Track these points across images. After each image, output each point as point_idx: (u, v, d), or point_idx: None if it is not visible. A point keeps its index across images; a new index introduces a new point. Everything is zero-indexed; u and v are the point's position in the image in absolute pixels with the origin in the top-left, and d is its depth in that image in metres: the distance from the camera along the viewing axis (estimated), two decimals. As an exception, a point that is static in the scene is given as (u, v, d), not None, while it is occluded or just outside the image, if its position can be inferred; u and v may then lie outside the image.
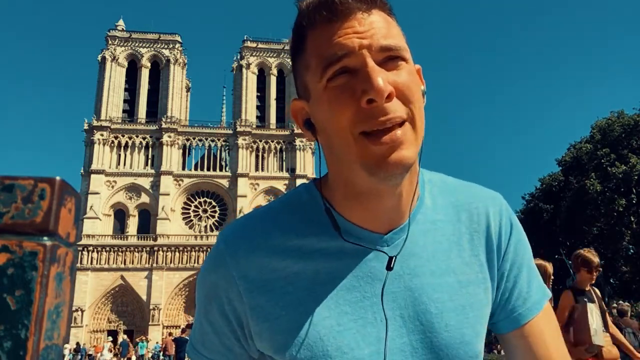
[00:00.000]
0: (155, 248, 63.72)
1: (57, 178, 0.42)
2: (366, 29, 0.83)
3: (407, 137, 0.82)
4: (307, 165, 72.22)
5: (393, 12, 0.91)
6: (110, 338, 42.96)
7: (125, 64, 72.39)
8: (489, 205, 1.04)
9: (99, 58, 71.48)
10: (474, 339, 0.95)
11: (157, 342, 42.50)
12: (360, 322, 0.90)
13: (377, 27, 0.84)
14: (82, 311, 58.38)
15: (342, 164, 0.88)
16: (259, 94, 75.04)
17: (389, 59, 0.83)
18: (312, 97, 0.89)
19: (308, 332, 0.89)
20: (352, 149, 0.83)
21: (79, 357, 42.17)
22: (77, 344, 44.99)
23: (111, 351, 36.66)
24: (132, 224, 66.84)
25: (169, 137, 69.70)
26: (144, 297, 61.61)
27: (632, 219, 44.10)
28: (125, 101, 72.01)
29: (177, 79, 73.20)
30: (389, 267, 0.91)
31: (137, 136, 69.72)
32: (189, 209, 69.19)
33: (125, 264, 62.57)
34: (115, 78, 70.50)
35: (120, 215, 67.39)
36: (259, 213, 1.01)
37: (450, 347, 0.92)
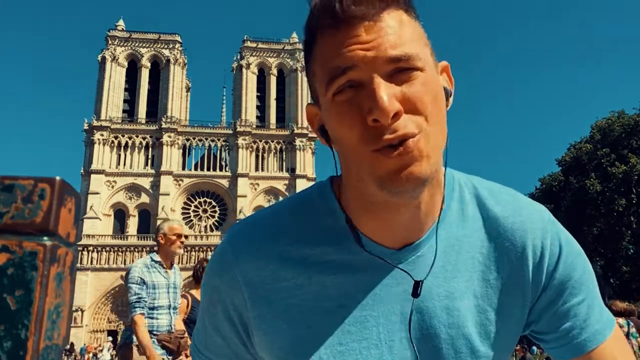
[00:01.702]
0: (155, 248, 63.58)
1: (57, 178, 0.42)
2: (372, 38, 0.75)
3: (419, 151, 0.75)
4: (307, 165, 72.22)
5: (412, 7, 0.82)
6: (110, 338, 42.85)
7: (125, 64, 72.41)
8: (529, 222, 0.92)
9: (99, 58, 71.49)
10: None
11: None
12: (364, 343, 0.85)
13: (385, 35, 0.75)
14: (82, 311, 58.34)
15: (354, 175, 0.83)
16: (259, 94, 75.03)
17: (399, 70, 0.76)
18: (322, 107, 0.84)
19: (308, 349, 0.85)
20: (363, 163, 0.78)
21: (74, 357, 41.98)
22: (72, 344, 44.75)
23: (110, 350, 36.51)
24: (132, 224, 66.86)
25: (169, 137, 69.72)
26: (144, 297, 61.56)
27: (632, 219, 44.12)
28: (125, 101, 72.04)
29: (177, 79, 73.20)
30: (415, 294, 0.85)
31: (137, 136, 69.74)
32: (189, 209, 69.21)
33: (125, 264, 62.40)
34: (115, 78, 70.51)
35: (120, 215, 67.43)
36: (267, 215, 0.95)
37: None
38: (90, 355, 40.57)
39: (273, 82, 75.54)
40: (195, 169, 70.90)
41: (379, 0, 0.77)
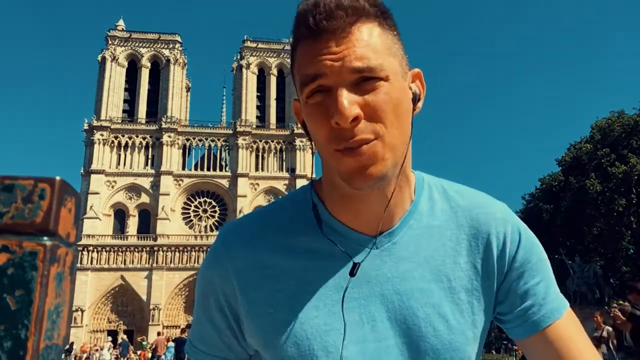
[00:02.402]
0: (155, 248, 63.71)
1: (57, 178, 0.43)
2: (340, 49, 0.84)
3: (375, 154, 0.85)
4: (307, 165, 72.13)
5: (387, 17, 0.90)
6: (110, 338, 42.67)
7: (125, 64, 72.39)
8: (492, 214, 1.03)
9: (99, 58, 71.50)
10: (463, 345, 0.95)
11: (141, 339, 41.49)
12: (347, 322, 0.92)
13: (352, 47, 0.84)
14: (82, 311, 58.36)
15: (328, 168, 0.94)
16: (259, 94, 75.05)
17: (364, 79, 0.84)
18: (301, 106, 0.92)
19: (296, 331, 0.91)
20: (330, 160, 0.88)
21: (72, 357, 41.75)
22: (72, 343, 44.58)
23: (110, 350, 36.25)
24: (132, 224, 66.84)
25: (169, 137, 69.72)
26: (144, 297, 61.61)
27: (632, 219, 44.16)
28: (125, 101, 72.02)
29: (177, 79, 73.21)
30: (352, 273, 0.93)
31: (137, 136, 69.73)
32: (189, 209, 69.21)
33: (125, 264, 62.56)
34: (115, 78, 70.49)
35: (120, 215, 67.40)
36: (257, 212, 1.03)
37: (437, 352, 0.93)
38: (84, 355, 40.19)
39: (273, 82, 75.57)
40: (195, 169, 70.89)
41: (349, 15, 0.84)
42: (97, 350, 39.64)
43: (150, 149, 69.81)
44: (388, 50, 0.88)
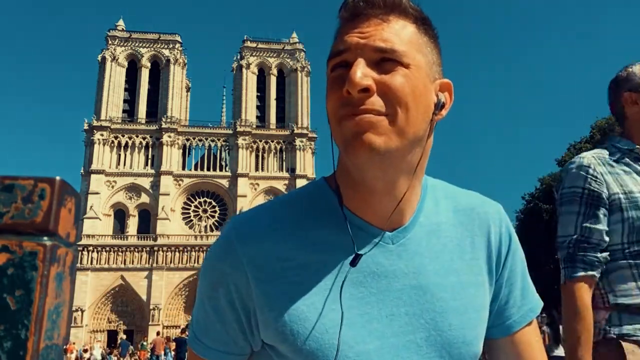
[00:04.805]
0: (155, 248, 63.75)
1: (57, 178, 0.43)
2: (369, 30, 0.88)
3: (380, 125, 0.85)
4: (307, 165, 72.25)
5: (425, 23, 0.94)
6: (100, 338, 42.52)
7: (125, 64, 72.42)
8: (490, 213, 1.07)
9: (99, 58, 71.51)
10: (474, 339, 0.98)
11: (142, 340, 41.51)
12: (365, 317, 0.92)
13: (380, 30, 0.88)
14: (82, 311, 58.38)
15: (342, 154, 0.93)
16: (259, 94, 75.06)
17: (385, 60, 0.87)
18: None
19: (315, 324, 0.90)
20: (336, 130, 0.89)
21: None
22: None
23: (101, 349, 36.16)
24: (132, 224, 66.87)
25: (169, 137, 69.75)
26: (144, 297, 61.65)
27: (632, 219, 43.97)
28: (125, 101, 72.04)
29: (177, 79, 73.23)
30: (353, 263, 0.93)
31: (137, 136, 69.76)
32: (189, 209, 69.25)
33: (125, 264, 62.58)
34: (115, 78, 70.52)
35: (120, 215, 67.43)
36: (270, 204, 1.03)
37: (453, 346, 0.95)
38: (73, 356, 39.97)
39: (273, 82, 75.57)
40: (195, 169, 70.93)
41: (386, 6, 0.90)
42: (85, 350, 39.53)
43: (150, 149, 69.83)
44: (417, 46, 0.90)
